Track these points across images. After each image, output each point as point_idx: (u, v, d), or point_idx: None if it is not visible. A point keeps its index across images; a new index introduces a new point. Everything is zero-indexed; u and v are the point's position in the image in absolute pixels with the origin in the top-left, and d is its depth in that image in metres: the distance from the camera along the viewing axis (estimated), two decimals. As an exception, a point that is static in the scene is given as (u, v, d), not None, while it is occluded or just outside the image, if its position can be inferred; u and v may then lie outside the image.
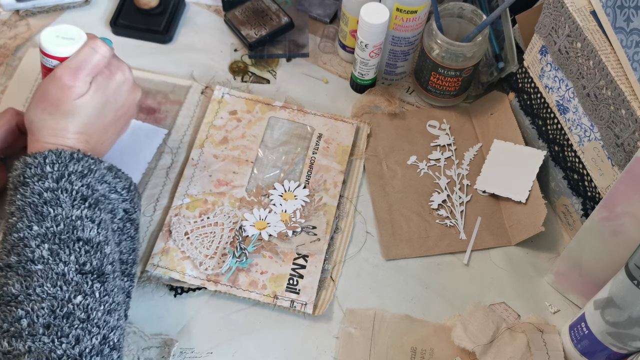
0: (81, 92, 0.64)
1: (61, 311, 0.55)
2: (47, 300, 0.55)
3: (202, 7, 0.97)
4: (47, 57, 0.66)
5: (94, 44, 0.65)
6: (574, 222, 0.79)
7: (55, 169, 0.61)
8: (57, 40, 0.66)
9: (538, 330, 0.72)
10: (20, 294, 0.55)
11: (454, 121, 0.89)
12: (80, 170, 0.62)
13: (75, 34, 0.67)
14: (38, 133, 0.64)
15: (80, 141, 0.65)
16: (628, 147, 0.66)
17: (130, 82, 0.70)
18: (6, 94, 0.85)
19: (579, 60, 0.70)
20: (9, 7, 0.92)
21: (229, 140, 0.84)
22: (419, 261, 0.78)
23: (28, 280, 0.56)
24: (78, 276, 0.57)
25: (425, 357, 0.71)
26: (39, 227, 0.58)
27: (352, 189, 0.82)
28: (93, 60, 0.65)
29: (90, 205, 0.61)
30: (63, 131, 0.64)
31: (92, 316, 0.56)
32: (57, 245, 0.58)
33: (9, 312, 0.54)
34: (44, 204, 0.59)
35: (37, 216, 0.59)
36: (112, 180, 0.65)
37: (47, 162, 0.61)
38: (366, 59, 0.85)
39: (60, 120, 0.64)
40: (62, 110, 0.64)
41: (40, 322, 0.54)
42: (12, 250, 0.58)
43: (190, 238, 0.76)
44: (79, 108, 0.64)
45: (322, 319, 0.73)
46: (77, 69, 0.64)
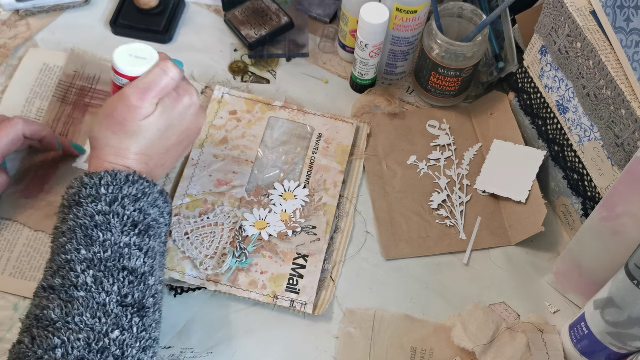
0: (147, 113, 0.63)
1: (97, 345, 0.54)
2: (85, 332, 0.54)
3: (202, 7, 0.97)
4: (118, 75, 0.65)
5: (165, 66, 0.64)
6: (574, 222, 0.79)
7: (110, 192, 0.60)
8: (129, 60, 0.65)
9: (538, 330, 0.72)
10: (59, 320, 0.54)
11: (454, 121, 0.89)
12: (134, 194, 0.61)
13: (148, 54, 0.66)
14: (101, 151, 0.64)
15: (140, 162, 0.64)
16: (628, 147, 0.66)
17: (196, 106, 0.68)
18: (6, 94, 0.84)
19: (579, 60, 0.70)
20: (9, 7, 0.92)
21: (229, 140, 0.84)
22: (419, 261, 0.78)
23: (69, 307, 0.55)
24: (118, 308, 0.56)
25: (425, 357, 0.71)
26: (87, 251, 0.57)
27: (352, 189, 0.82)
28: (162, 82, 0.64)
29: (141, 232, 0.60)
30: (125, 151, 0.64)
31: (127, 353, 0.55)
32: (102, 272, 0.57)
33: (45, 339, 0.53)
34: (94, 227, 0.59)
35: (86, 240, 0.58)
36: (162, 205, 0.65)
37: (103, 183, 0.60)
38: (366, 59, 0.85)
39: (124, 140, 0.63)
40: (126, 130, 0.63)
41: (74, 355, 0.53)
42: (58, 272, 0.57)
43: (190, 238, 0.76)
44: (144, 129, 0.64)
45: (322, 319, 0.73)
46: (145, 90, 0.63)
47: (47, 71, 0.86)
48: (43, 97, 0.84)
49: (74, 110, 0.84)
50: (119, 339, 0.55)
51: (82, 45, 0.90)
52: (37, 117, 0.83)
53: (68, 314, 0.54)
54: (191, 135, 0.70)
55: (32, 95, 0.84)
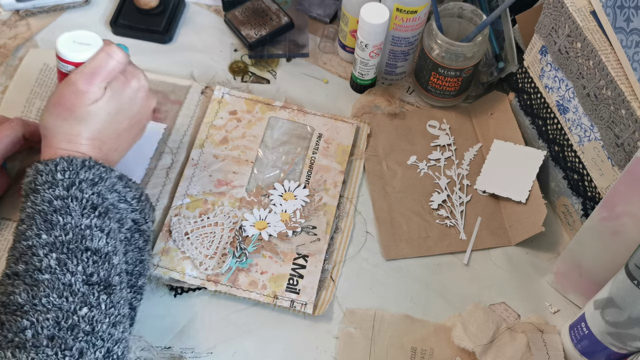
0: (95, 97, 0.64)
1: (66, 323, 0.54)
2: (53, 312, 0.54)
3: (202, 7, 0.97)
4: (62, 62, 0.65)
5: (110, 50, 0.65)
6: (574, 222, 0.79)
7: (66, 177, 0.60)
8: (73, 46, 0.65)
9: (538, 330, 0.72)
10: (26, 303, 0.55)
11: (454, 121, 0.89)
12: (91, 178, 0.61)
13: (92, 40, 0.66)
14: (52, 139, 0.64)
15: (93, 147, 0.64)
16: (628, 147, 0.66)
17: (145, 89, 0.69)
18: (6, 94, 0.84)
19: (579, 60, 0.70)
20: (9, 7, 0.92)
21: (229, 140, 0.84)
22: (419, 261, 0.78)
23: (34, 289, 0.55)
24: (85, 287, 0.57)
25: (425, 357, 0.71)
26: (48, 235, 0.58)
27: (352, 189, 0.82)
28: (108, 66, 0.64)
29: (100, 214, 0.60)
30: (77, 137, 0.64)
31: (97, 329, 0.56)
32: (65, 254, 0.57)
33: (14, 322, 0.54)
34: (53, 212, 0.59)
35: (46, 224, 0.58)
36: (122, 190, 0.64)
37: (59, 169, 0.60)
38: (366, 59, 0.85)
39: (74, 125, 0.63)
40: (76, 116, 0.63)
41: (44, 334, 0.53)
42: (21, 258, 0.57)
43: (190, 238, 0.76)
44: (93, 114, 0.64)
45: (322, 319, 0.73)
46: (92, 75, 0.63)
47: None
48: (43, 97, 0.84)
49: (74, 110, 0.84)
50: (88, 315, 0.55)
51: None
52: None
53: (35, 297, 0.55)
54: (142, 119, 0.70)
55: (32, 95, 0.84)
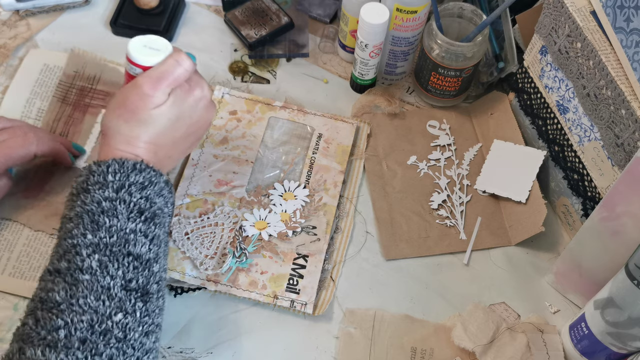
0: (159, 102, 0.64)
1: (99, 327, 0.54)
2: (88, 314, 0.55)
3: (202, 7, 0.97)
4: (132, 64, 0.66)
5: (178, 57, 0.65)
6: (574, 222, 0.79)
7: (117, 179, 0.61)
8: (143, 50, 0.66)
9: (538, 330, 0.72)
10: (63, 302, 0.55)
11: (454, 121, 0.89)
12: (141, 181, 0.62)
13: (162, 46, 0.67)
14: (111, 139, 0.64)
15: (149, 151, 0.65)
16: (628, 147, 0.66)
17: (207, 99, 0.69)
18: (7, 94, 0.84)
19: (579, 60, 0.70)
20: (9, 7, 0.92)
21: (229, 140, 0.84)
22: (419, 261, 0.78)
23: (73, 289, 0.55)
24: (122, 292, 0.57)
25: (425, 357, 0.71)
26: (93, 236, 0.58)
27: (352, 189, 0.82)
28: (175, 72, 0.65)
29: (146, 219, 0.61)
30: (135, 139, 0.64)
31: (129, 336, 0.55)
32: (107, 257, 0.57)
33: (49, 320, 0.54)
34: (101, 213, 0.59)
35: (92, 225, 0.59)
36: (167, 195, 0.65)
37: (110, 171, 0.61)
38: (366, 59, 0.85)
39: (134, 128, 0.64)
40: (138, 118, 0.64)
41: (77, 336, 0.53)
42: (64, 256, 0.58)
43: (190, 238, 0.76)
44: (155, 118, 0.64)
45: (322, 319, 0.73)
46: (158, 79, 0.64)
47: (47, 71, 0.87)
48: (43, 97, 0.84)
49: (74, 111, 0.84)
50: (122, 322, 0.55)
51: (82, 45, 0.90)
52: (37, 117, 0.83)
53: (72, 296, 0.55)
54: (200, 129, 0.71)
55: (32, 95, 0.84)
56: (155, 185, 0.63)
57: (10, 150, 0.71)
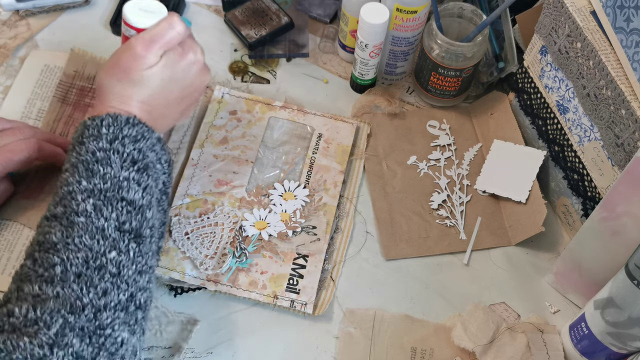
0: (151, 63, 0.66)
1: (94, 263, 0.57)
2: (83, 251, 0.57)
3: (202, 7, 0.97)
4: (127, 26, 0.68)
5: (172, 20, 0.67)
6: (574, 222, 0.79)
7: (111, 131, 0.63)
8: (138, 12, 0.68)
9: (538, 330, 0.72)
10: (59, 242, 0.57)
11: (454, 121, 0.89)
12: (134, 135, 0.64)
13: (157, 9, 0.69)
14: (105, 97, 0.66)
15: (142, 110, 0.67)
16: (628, 147, 0.66)
17: (200, 63, 0.71)
18: (8, 95, 0.84)
19: (579, 60, 0.70)
20: (9, 7, 0.92)
21: (229, 140, 0.84)
22: (419, 261, 0.78)
23: (69, 230, 0.58)
24: (116, 233, 0.59)
25: (425, 357, 0.71)
26: (88, 182, 0.60)
27: (352, 189, 0.82)
28: (168, 35, 0.66)
29: (139, 169, 0.63)
30: (128, 98, 0.66)
31: (123, 273, 0.58)
32: (102, 201, 0.60)
33: (45, 259, 0.56)
34: (95, 162, 0.61)
35: (87, 173, 0.61)
36: (159, 151, 0.67)
37: (104, 124, 0.63)
38: (366, 59, 0.85)
39: (127, 87, 0.66)
40: (130, 78, 0.66)
41: (72, 271, 0.56)
42: (60, 202, 0.60)
43: (190, 238, 0.76)
44: (147, 78, 0.66)
45: (322, 319, 0.73)
46: (150, 41, 0.66)
47: (48, 72, 0.87)
48: (44, 97, 0.84)
49: (74, 111, 0.84)
50: (116, 259, 0.58)
51: (82, 45, 0.90)
52: (37, 117, 0.83)
53: (68, 236, 0.57)
54: (194, 92, 0.72)
55: (32, 96, 0.84)
56: (147, 140, 0.65)
57: (12, 154, 0.71)
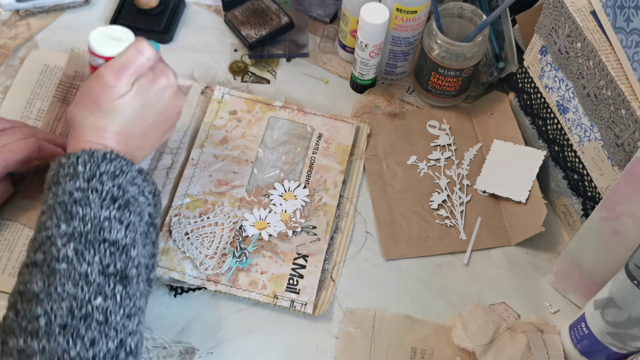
0: (122, 92, 0.64)
1: (80, 312, 0.55)
2: (67, 300, 0.55)
3: (202, 7, 0.97)
4: (93, 55, 0.67)
5: (140, 46, 0.65)
6: (574, 222, 0.79)
7: (87, 169, 0.61)
8: (104, 40, 0.67)
9: (538, 330, 0.72)
10: (41, 292, 0.55)
11: (454, 121, 0.89)
12: (112, 170, 0.62)
13: (124, 35, 0.67)
14: (78, 131, 0.64)
15: (119, 142, 0.65)
16: (628, 147, 0.66)
17: (173, 87, 0.69)
18: (7, 95, 0.84)
19: (579, 60, 0.70)
20: (9, 7, 0.92)
21: (229, 140, 0.84)
22: (419, 261, 0.78)
23: (51, 278, 0.56)
24: (100, 277, 0.57)
25: (425, 357, 0.71)
26: (67, 226, 0.58)
27: (352, 189, 0.82)
28: (137, 61, 0.65)
29: (120, 206, 0.61)
30: (102, 130, 0.64)
31: (110, 319, 0.56)
32: (83, 245, 0.58)
33: (28, 310, 0.54)
34: (73, 203, 0.59)
35: (65, 215, 0.59)
36: (141, 184, 0.65)
37: (80, 161, 0.61)
38: (366, 59, 0.85)
39: (99, 119, 0.64)
40: (102, 109, 0.64)
41: (57, 322, 0.54)
42: (40, 248, 0.58)
43: (190, 238, 0.76)
44: (119, 108, 0.64)
45: (322, 319, 0.73)
46: (120, 69, 0.64)
47: (48, 72, 0.87)
48: (43, 97, 0.84)
49: (74, 111, 0.84)
50: (102, 306, 0.56)
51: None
52: (37, 117, 0.83)
53: (50, 285, 0.55)
54: (170, 117, 0.71)
55: (32, 96, 0.84)
56: (126, 174, 0.63)
57: (12, 154, 0.71)
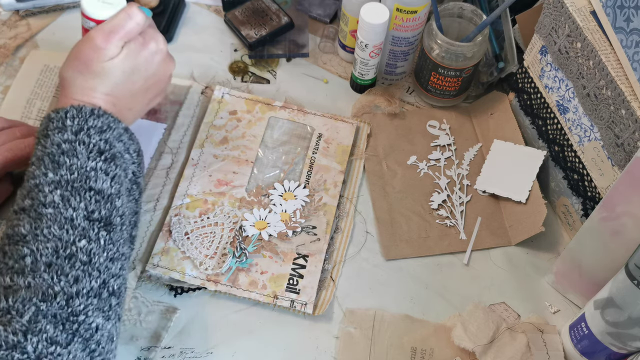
0: (112, 54, 0.66)
1: (64, 252, 0.57)
2: (52, 241, 0.57)
3: (202, 7, 0.97)
4: (85, 18, 0.68)
5: (130, 11, 0.67)
6: (574, 222, 0.79)
7: (75, 123, 0.63)
8: (96, 4, 0.68)
9: (538, 330, 0.72)
10: (28, 234, 0.57)
11: (454, 121, 0.89)
12: (99, 125, 0.63)
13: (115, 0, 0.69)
14: (68, 90, 0.66)
15: (107, 102, 0.67)
16: (628, 147, 0.66)
17: (163, 53, 0.71)
18: (7, 95, 0.84)
19: (579, 60, 0.70)
20: (9, 7, 0.92)
21: (229, 140, 0.84)
22: (419, 261, 0.78)
23: (37, 222, 0.58)
24: (85, 222, 0.59)
25: (425, 357, 0.71)
26: (54, 174, 0.60)
27: (352, 189, 0.82)
28: (127, 25, 0.66)
29: (106, 159, 0.63)
30: (91, 91, 0.66)
31: (94, 260, 0.58)
32: (69, 192, 0.59)
33: (15, 251, 0.57)
34: (61, 154, 0.61)
35: (53, 165, 0.60)
36: (127, 141, 0.67)
37: (68, 116, 0.63)
38: (366, 59, 0.85)
39: (89, 79, 0.66)
40: (91, 70, 0.66)
41: (42, 260, 0.56)
42: (28, 195, 0.60)
43: (190, 238, 0.76)
44: (109, 70, 0.66)
45: (322, 319, 0.73)
46: (110, 32, 0.66)
47: (48, 72, 0.87)
48: (43, 97, 0.85)
49: (74, 110, 0.84)
50: (86, 247, 0.58)
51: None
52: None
53: (37, 228, 0.57)
54: (159, 82, 0.72)
55: (32, 96, 0.84)
56: (113, 130, 0.65)
57: (11, 153, 0.71)
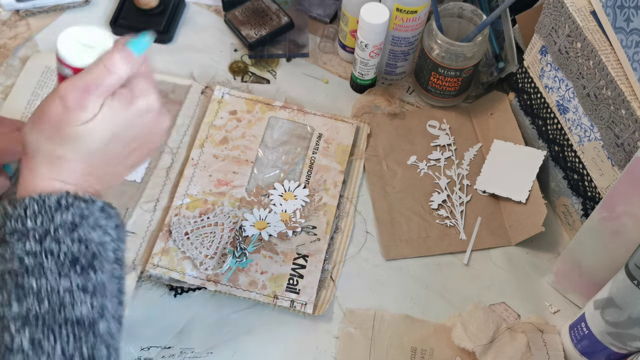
0: (86, 117, 0.51)
1: None
2: None
3: (202, 7, 0.97)
4: (61, 63, 0.54)
5: (110, 62, 0.51)
6: (574, 222, 0.79)
7: (39, 224, 0.49)
8: (76, 46, 0.53)
9: (538, 330, 0.72)
10: None
11: (454, 121, 0.89)
12: (70, 220, 0.50)
13: (98, 41, 0.54)
14: (32, 157, 0.52)
15: (79, 175, 0.53)
16: (628, 147, 0.66)
17: (154, 111, 0.55)
18: (8, 96, 0.84)
19: (579, 60, 0.70)
20: (9, 7, 0.92)
21: (229, 140, 0.84)
22: (419, 261, 0.78)
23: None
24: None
25: (425, 357, 0.71)
26: (20, 306, 0.48)
27: (352, 189, 0.82)
28: (105, 82, 0.51)
29: (83, 269, 0.50)
30: (59, 160, 0.52)
31: None
32: (41, 331, 0.47)
33: None
34: (25, 272, 0.48)
35: (17, 290, 0.48)
36: (104, 223, 0.53)
37: (29, 214, 0.49)
38: (366, 59, 0.85)
39: (58, 147, 0.51)
40: (61, 135, 0.51)
41: None
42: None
43: (190, 238, 0.76)
44: (82, 136, 0.51)
45: (322, 319, 0.73)
46: (84, 90, 0.51)
47: (49, 73, 0.87)
48: (44, 98, 0.84)
49: (74, 111, 0.84)
50: None
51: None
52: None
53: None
54: (148, 143, 0.57)
55: (33, 97, 0.85)
56: (88, 219, 0.51)
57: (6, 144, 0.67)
